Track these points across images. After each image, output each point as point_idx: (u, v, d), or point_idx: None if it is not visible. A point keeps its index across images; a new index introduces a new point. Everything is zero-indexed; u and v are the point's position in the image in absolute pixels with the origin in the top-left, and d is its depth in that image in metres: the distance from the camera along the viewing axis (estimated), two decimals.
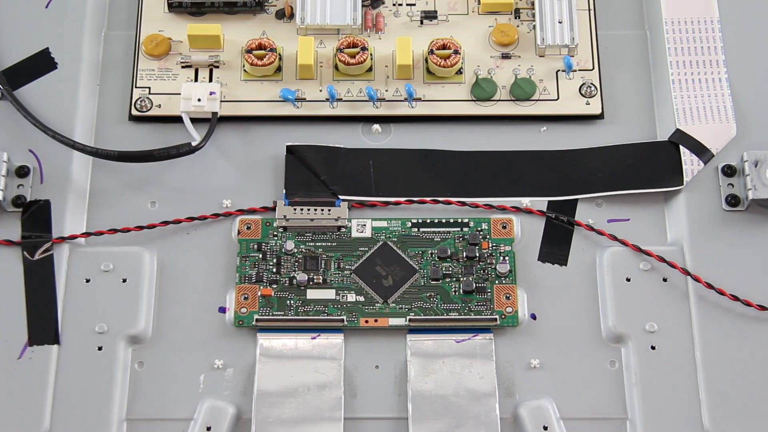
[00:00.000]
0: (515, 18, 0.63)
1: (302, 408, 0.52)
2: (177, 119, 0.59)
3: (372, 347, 0.55)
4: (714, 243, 0.56)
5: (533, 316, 0.55)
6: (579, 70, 0.61)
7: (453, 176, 0.59)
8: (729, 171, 0.58)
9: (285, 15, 0.63)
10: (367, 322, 0.55)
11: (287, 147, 0.59)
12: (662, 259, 0.55)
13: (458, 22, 0.63)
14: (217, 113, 0.59)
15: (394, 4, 0.63)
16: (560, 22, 0.61)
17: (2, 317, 0.54)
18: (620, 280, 0.56)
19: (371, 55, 0.61)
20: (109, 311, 0.54)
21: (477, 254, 0.56)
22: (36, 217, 0.56)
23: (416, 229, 0.57)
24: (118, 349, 0.54)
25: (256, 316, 0.54)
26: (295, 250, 0.56)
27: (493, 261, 0.56)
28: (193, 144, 0.58)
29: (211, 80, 0.61)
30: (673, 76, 0.60)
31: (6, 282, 0.55)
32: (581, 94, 0.61)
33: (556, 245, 0.57)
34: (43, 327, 0.54)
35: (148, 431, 0.53)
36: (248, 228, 0.57)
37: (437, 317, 0.55)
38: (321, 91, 0.60)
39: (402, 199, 0.58)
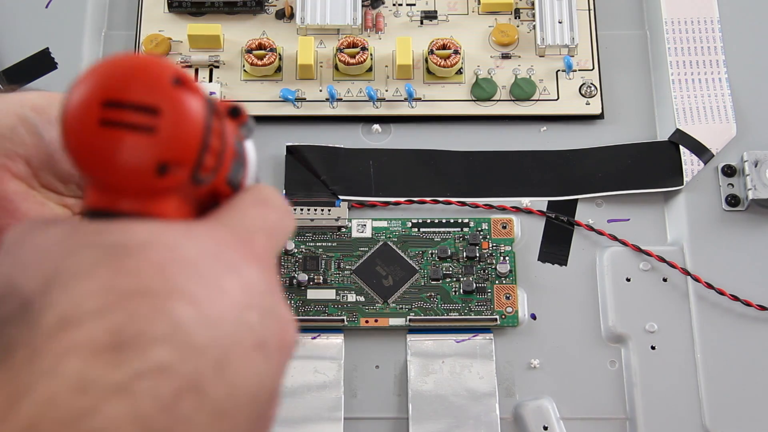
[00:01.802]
0: (515, 18, 0.63)
1: (302, 408, 0.52)
2: None
3: (372, 347, 0.55)
4: (714, 243, 0.56)
5: (533, 316, 0.55)
6: (579, 70, 0.61)
7: (453, 176, 0.59)
8: (729, 171, 0.58)
9: (285, 15, 0.63)
10: (367, 322, 0.55)
11: (287, 147, 0.59)
12: (662, 259, 0.55)
13: (458, 22, 0.63)
14: None
15: (394, 4, 0.63)
16: (560, 22, 0.61)
17: None
18: (620, 280, 0.56)
19: (371, 55, 0.61)
20: None
21: (477, 254, 0.56)
22: None
23: (416, 229, 0.57)
24: None
25: None
26: (295, 250, 0.56)
27: (493, 261, 0.56)
28: None
29: (211, 80, 0.61)
30: (673, 76, 0.60)
31: None
32: (581, 94, 0.61)
33: (556, 245, 0.57)
34: None
35: None
36: None
37: (437, 317, 0.55)
38: (321, 91, 0.60)
39: (402, 199, 0.58)
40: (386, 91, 0.60)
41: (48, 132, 0.39)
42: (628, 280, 0.56)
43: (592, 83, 0.61)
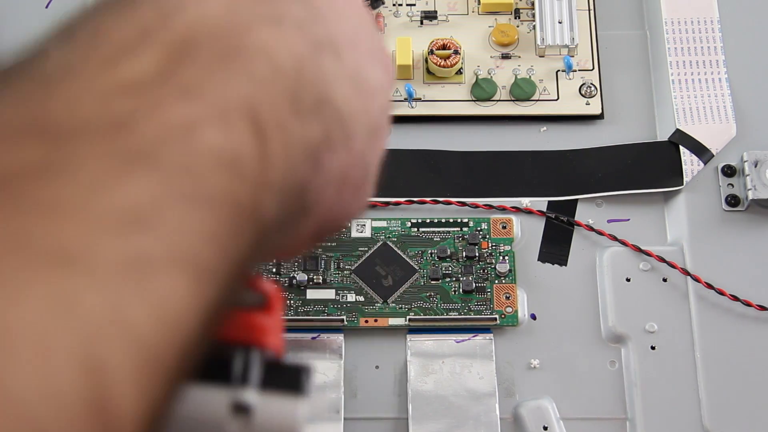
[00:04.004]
0: (515, 18, 0.63)
1: None
2: None
3: (372, 347, 0.55)
4: (714, 243, 0.56)
5: (533, 316, 0.55)
6: (579, 70, 0.61)
7: (453, 176, 0.59)
8: (729, 171, 0.58)
9: None
10: (366, 322, 0.55)
11: None
12: (662, 259, 0.55)
13: (458, 22, 0.63)
14: None
15: (394, 4, 0.63)
16: (560, 22, 0.61)
17: None
18: (620, 280, 0.55)
19: None
20: None
21: (476, 254, 0.56)
22: None
23: (416, 229, 0.57)
24: None
25: None
26: None
27: (493, 260, 0.56)
28: None
29: None
30: (673, 76, 0.60)
31: None
32: (581, 94, 0.60)
33: (556, 245, 0.57)
34: None
35: None
36: None
37: (437, 317, 0.55)
38: None
39: (402, 199, 0.58)
40: None
41: None
42: (628, 280, 0.56)
43: (592, 83, 0.61)
